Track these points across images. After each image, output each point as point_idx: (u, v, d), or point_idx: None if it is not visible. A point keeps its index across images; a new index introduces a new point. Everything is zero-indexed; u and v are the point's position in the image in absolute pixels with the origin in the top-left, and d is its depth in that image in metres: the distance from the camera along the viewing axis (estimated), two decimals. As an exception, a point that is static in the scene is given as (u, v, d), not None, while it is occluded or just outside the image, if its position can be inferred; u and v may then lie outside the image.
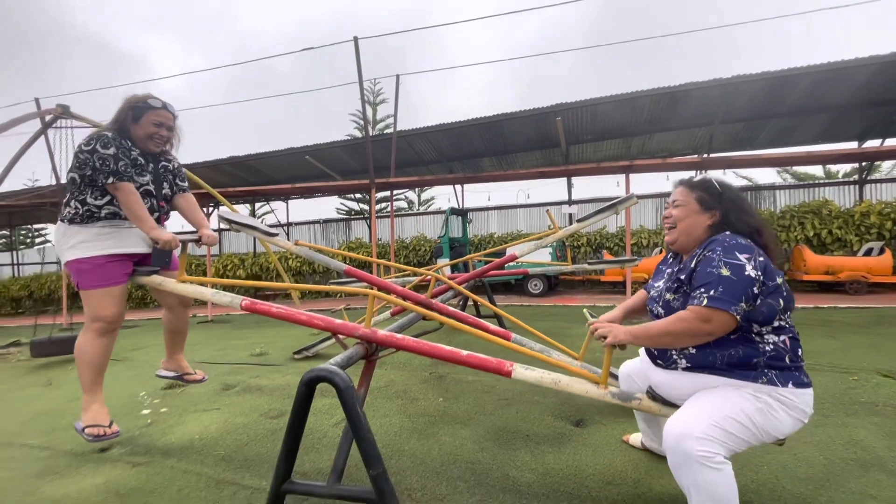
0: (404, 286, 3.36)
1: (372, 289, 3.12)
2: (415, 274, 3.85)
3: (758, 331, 1.30)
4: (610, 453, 1.95)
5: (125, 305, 2.00)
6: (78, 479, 1.94)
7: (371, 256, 9.36)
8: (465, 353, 1.60)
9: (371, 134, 10.22)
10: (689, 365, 1.38)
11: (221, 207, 8.00)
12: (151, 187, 2.04)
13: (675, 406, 1.41)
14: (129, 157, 1.95)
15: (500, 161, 11.34)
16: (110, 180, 1.86)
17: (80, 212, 1.91)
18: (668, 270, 1.54)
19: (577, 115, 8.71)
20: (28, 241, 21.13)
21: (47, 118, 5.89)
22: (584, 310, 1.75)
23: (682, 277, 1.40)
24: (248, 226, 2.59)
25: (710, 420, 1.23)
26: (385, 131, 17.73)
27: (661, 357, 1.47)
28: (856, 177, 9.96)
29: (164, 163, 2.14)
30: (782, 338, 1.31)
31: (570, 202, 11.24)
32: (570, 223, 8.74)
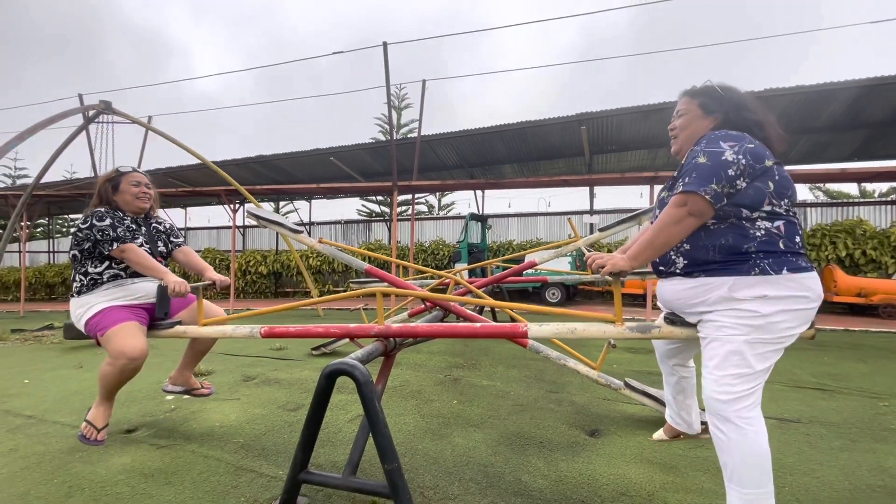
0: (423, 288, 3.40)
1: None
2: (434, 276, 3.88)
3: (747, 216, 1.29)
4: (625, 464, 1.93)
5: (145, 341, 1.97)
6: (106, 457, 2.02)
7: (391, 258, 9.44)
8: (478, 325, 1.62)
9: (395, 138, 10.35)
10: (685, 262, 1.38)
11: (248, 204, 8.22)
12: (147, 247, 2.16)
13: (692, 326, 1.42)
14: (123, 224, 2.10)
15: (523, 168, 11.33)
16: (115, 246, 2.00)
17: (85, 282, 2.03)
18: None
19: (602, 125, 8.64)
20: (64, 230, 22.06)
21: (90, 113, 6.18)
22: (580, 242, 1.70)
23: (675, 175, 1.44)
24: (274, 222, 2.66)
25: (728, 374, 1.26)
26: (409, 135, 17.90)
27: (663, 263, 1.46)
28: (893, 196, 9.58)
29: (154, 224, 2.29)
30: (776, 223, 1.29)
31: (591, 212, 11.13)
32: (591, 233, 8.66)
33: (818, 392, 2.95)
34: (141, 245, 2.13)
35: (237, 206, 9.65)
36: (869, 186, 16.78)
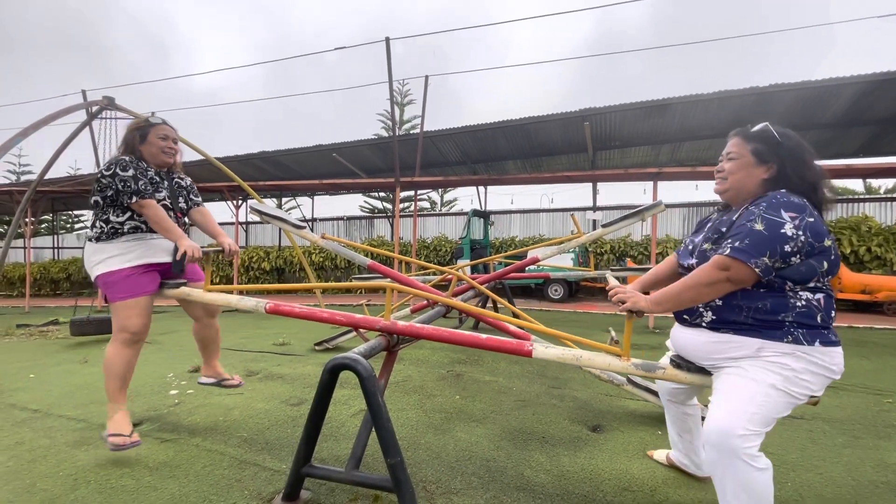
0: (426, 284, 3.40)
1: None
2: (436, 272, 3.88)
3: (791, 287, 1.24)
4: (627, 460, 1.93)
5: (150, 317, 2.08)
6: (110, 451, 2.03)
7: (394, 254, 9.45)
8: (483, 336, 1.61)
9: (397, 133, 10.33)
10: (714, 318, 1.32)
11: (251, 200, 8.23)
12: (168, 202, 2.16)
13: (703, 371, 1.37)
14: (147, 175, 2.08)
15: (525, 164, 11.29)
16: (134, 199, 1.99)
17: (105, 230, 2.03)
18: (710, 224, 1.47)
19: (605, 121, 8.59)
20: (68, 226, 22.16)
21: (93, 109, 6.19)
22: (608, 273, 1.64)
23: (724, 229, 1.34)
24: (277, 218, 2.67)
25: (748, 411, 1.20)
26: (412, 131, 17.86)
27: (687, 312, 1.40)
28: (899, 193, 9.52)
29: (177, 180, 2.29)
30: (817, 296, 1.24)
31: (594, 208, 11.10)
32: (595, 229, 8.65)
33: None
34: (163, 199, 2.12)
35: (240, 202, 9.66)
36: (874, 183, 16.66)
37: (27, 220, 9.95)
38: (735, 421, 1.20)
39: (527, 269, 4.00)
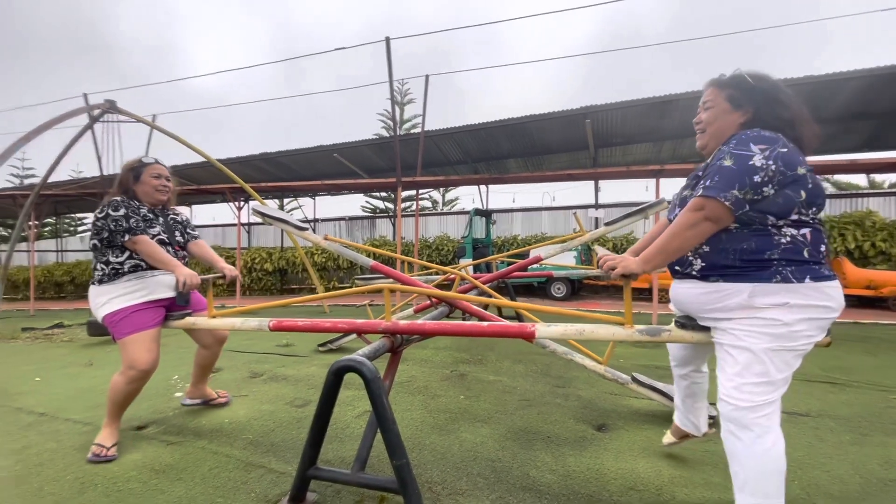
0: (429, 284, 3.40)
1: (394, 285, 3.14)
2: (439, 272, 3.88)
3: (773, 223, 1.23)
4: (632, 459, 1.93)
5: (158, 353, 2.10)
6: (117, 454, 2.04)
7: (396, 254, 9.46)
8: (485, 324, 1.61)
9: (398, 133, 10.32)
10: (703, 264, 1.32)
11: (253, 201, 8.25)
12: (164, 237, 2.20)
13: (705, 329, 1.37)
14: (139, 214, 2.13)
15: (527, 163, 11.27)
16: (126, 237, 2.03)
17: (107, 271, 2.07)
18: (693, 174, 1.48)
19: (606, 118, 8.56)
20: (72, 228, 22.25)
21: (94, 113, 6.21)
22: (597, 246, 1.58)
23: (700, 174, 1.37)
24: (280, 219, 2.66)
25: (749, 382, 1.21)
26: (412, 131, 17.85)
27: (678, 263, 1.41)
28: (903, 187, 9.46)
29: (172, 216, 2.35)
30: (802, 231, 1.23)
31: (596, 206, 11.07)
32: (597, 227, 8.62)
33: (828, 385, 2.93)
34: (157, 235, 2.16)
35: (242, 203, 9.68)
36: (878, 177, 16.56)
37: (31, 223, 10.00)
38: (741, 395, 1.22)
39: (529, 267, 4.01)
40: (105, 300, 2.05)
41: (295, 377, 3.29)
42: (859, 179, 15.21)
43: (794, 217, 1.22)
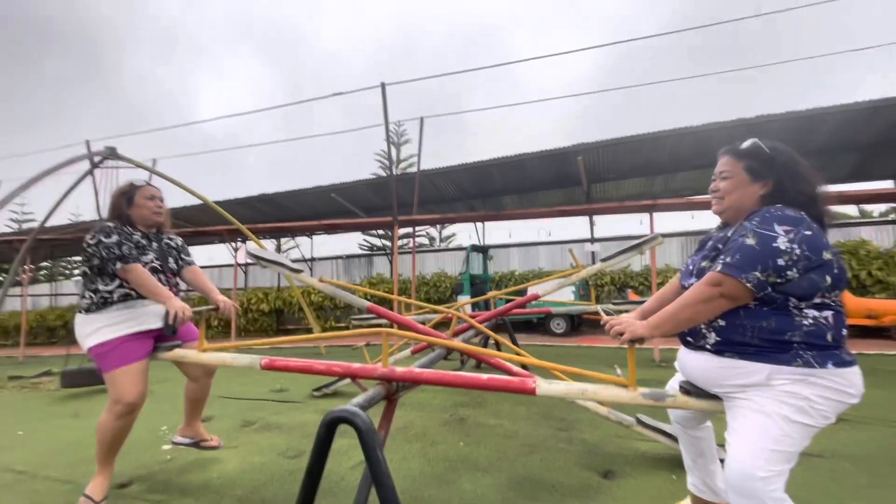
0: (425, 324, 3.35)
1: (392, 327, 3.11)
2: (435, 311, 3.83)
3: (795, 304, 1.19)
4: (642, 509, 1.83)
5: (147, 385, 2.03)
6: (97, 515, 1.93)
7: (392, 292, 9.41)
8: (485, 376, 1.56)
9: (395, 172, 10.51)
10: (718, 339, 1.27)
11: (249, 243, 8.27)
12: (157, 264, 2.14)
13: (712, 396, 1.31)
14: (132, 240, 2.06)
15: (521, 199, 11.43)
16: (118, 265, 1.96)
17: (95, 300, 2.01)
18: (710, 243, 1.44)
19: (598, 155, 8.77)
20: (67, 272, 22.15)
21: (96, 159, 6.32)
22: (599, 308, 1.55)
23: (720, 246, 1.31)
24: (275, 262, 2.65)
25: (766, 449, 1.14)
26: (409, 169, 18.22)
27: (690, 334, 1.36)
28: (893, 216, 9.60)
29: (166, 241, 2.28)
30: (825, 314, 1.18)
31: (592, 240, 11.15)
32: (593, 261, 8.63)
33: (839, 423, 2.84)
34: (150, 262, 2.09)
35: (239, 244, 9.71)
36: (867, 206, 16.82)
37: (25, 267, 9.94)
38: (755, 462, 1.14)
39: (528, 304, 3.96)
40: (92, 329, 1.97)
41: (289, 425, 3.17)
42: (850, 209, 15.45)
43: (818, 300, 1.19)
